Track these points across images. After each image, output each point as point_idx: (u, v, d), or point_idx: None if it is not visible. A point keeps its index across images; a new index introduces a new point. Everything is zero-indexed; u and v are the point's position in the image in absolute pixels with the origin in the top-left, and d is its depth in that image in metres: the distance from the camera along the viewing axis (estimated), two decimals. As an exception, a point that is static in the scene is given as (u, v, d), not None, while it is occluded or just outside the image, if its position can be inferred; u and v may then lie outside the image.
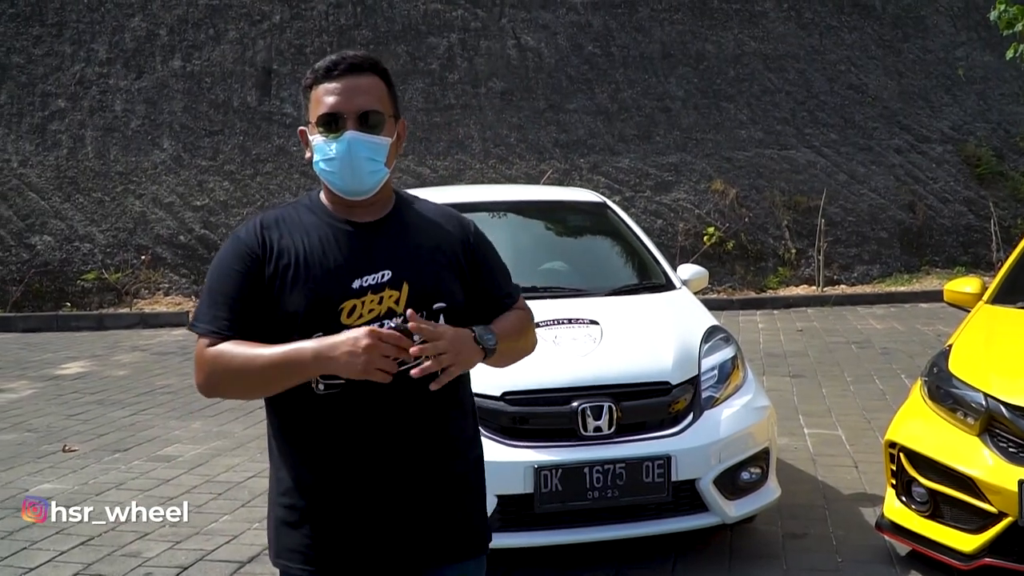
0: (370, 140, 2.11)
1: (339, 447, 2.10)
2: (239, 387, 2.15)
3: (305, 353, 1.98)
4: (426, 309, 2.10)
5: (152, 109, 14.46)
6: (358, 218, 2.17)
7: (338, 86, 2.11)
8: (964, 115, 16.13)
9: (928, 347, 8.80)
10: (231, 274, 2.12)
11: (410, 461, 2.12)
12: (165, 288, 12.97)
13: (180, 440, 6.70)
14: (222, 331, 2.09)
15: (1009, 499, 3.53)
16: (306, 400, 2.10)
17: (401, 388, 2.04)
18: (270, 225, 2.17)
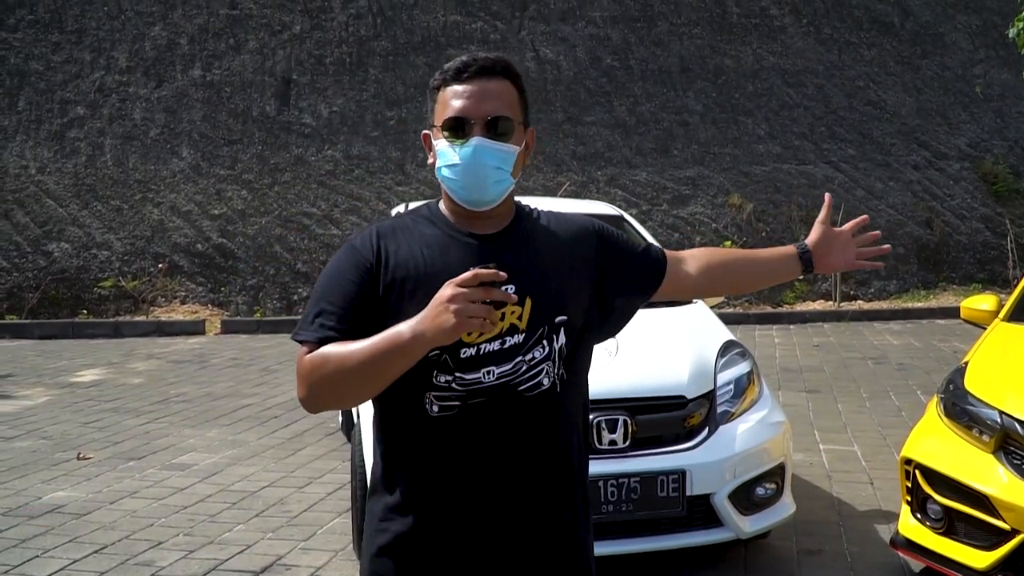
0: (497, 148, 1.98)
1: (452, 473, 1.98)
2: (340, 388, 1.95)
3: (403, 333, 1.84)
4: (548, 324, 1.99)
5: (171, 118, 14.57)
6: (480, 230, 2.04)
7: (467, 89, 1.99)
8: (982, 132, 16.07)
9: (944, 364, 8.75)
10: (344, 283, 2.00)
11: (530, 492, 2.00)
12: (182, 296, 13.04)
13: (195, 449, 6.72)
14: (326, 336, 1.95)
15: (1023, 516, 3.51)
16: (419, 423, 1.98)
17: (523, 411, 1.96)
18: (386, 234, 2.05)
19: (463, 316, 1.77)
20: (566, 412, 2.06)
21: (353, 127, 14.72)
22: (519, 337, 1.96)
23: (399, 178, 14.30)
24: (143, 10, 15.27)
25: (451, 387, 1.95)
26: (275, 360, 10.29)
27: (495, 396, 1.96)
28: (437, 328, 1.80)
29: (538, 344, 1.98)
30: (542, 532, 2.02)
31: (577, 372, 2.08)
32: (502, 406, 1.96)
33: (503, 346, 1.95)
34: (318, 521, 5.20)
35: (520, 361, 1.96)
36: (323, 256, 13.36)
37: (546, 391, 1.99)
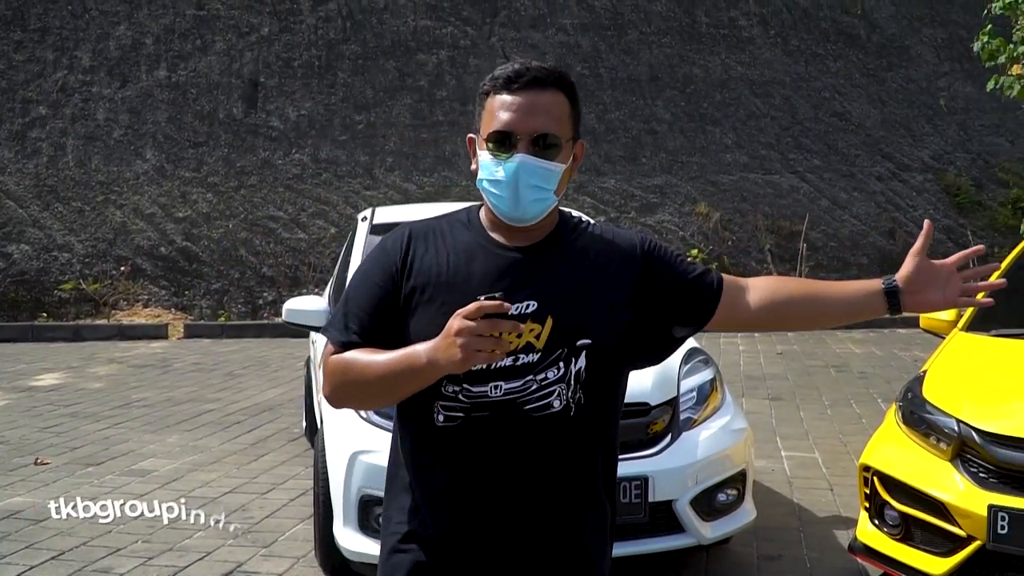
0: (541, 165, 1.91)
1: (452, 484, 1.96)
2: (361, 394, 2.01)
3: (419, 356, 1.83)
4: (568, 346, 1.91)
5: (135, 119, 14.43)
6: (515, 241, 1.98)
7: (516, 101, 1.91)
8: (945, 145, 16.30)
9: (905, 372, 8.85)
10: (370, 284, 2.00)
11: (528, 510, 1.95)
12: (144, 300, 12.90)
13: (155, 455, 6.64)
14: (349, 340, 1.97)
15: (978, 523, 3.55)
16: (425, 430, 1.97)
17: (527, 430, 1.92)
18: (418, 236, 2.02)
19: (469, 351, 1.74)
20: (580, 437, 1.97)
21: (321, 131, 14.66)
22: (534, 356, 1.91)
23: (367, 182, 14.26)
24: (108, 9, 15.13)
25: (458, 398, 1.93)
26: (239, 365, 10.21)
27: (499, 412, 1.92)
28: (447, 360, 1.78)
29: (553, 365, 1.92)
30: (541, 552, 1.98)
31: (601, 397, 1.99)
32: (505, 423, 1.91)
33: (515, 363, 1.90)
34: (280, 528, 5.16)
35: (531, 380, 1.91)
36: (289, 260, 13.29)
37: (556, 414, 1.93)
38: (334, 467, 4.15)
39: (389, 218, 5.86)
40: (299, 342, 10.08)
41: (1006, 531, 3.49)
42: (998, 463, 3.64)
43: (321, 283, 12.06)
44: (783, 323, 2.15)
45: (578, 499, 1.99)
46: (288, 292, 12.21)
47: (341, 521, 4.05)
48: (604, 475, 2.06)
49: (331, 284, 6.81)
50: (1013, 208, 15.17)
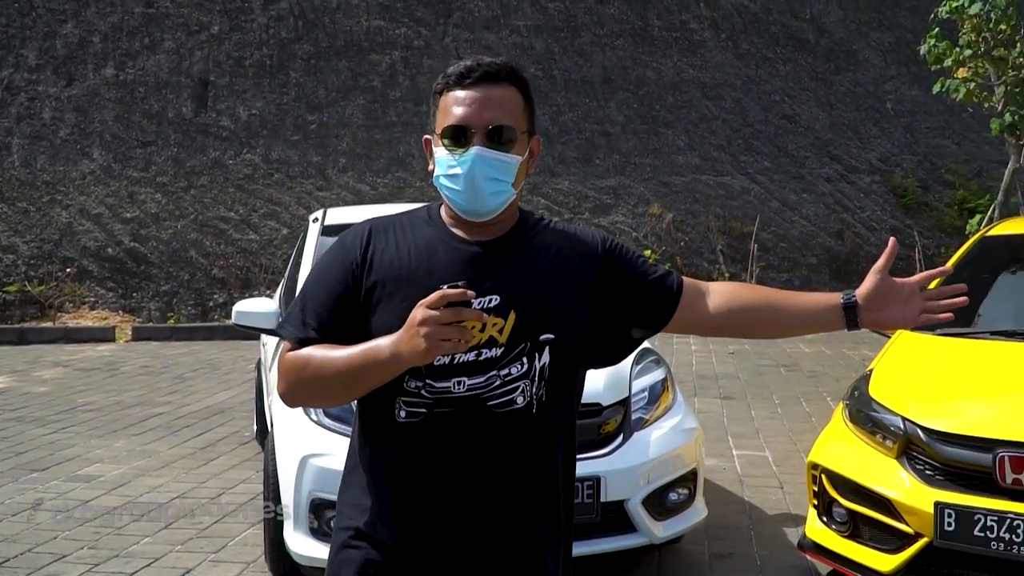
0: (497, 158, 1.91)
1: (415, 478, 1.94)
2: (319, 391, 1.96)
3: (382, 350, 1.81)
4: (531, 340, 1.91)
5: (82, 118, 14.19)
6: (475, 236, 1.98)
7: (469, 95, 1.91)
8: (892, 147, 16.57)
9: (853, 371, 8.97)
10: (328, 280, 1.99)
11: (487, 507, 1.94)
12: (91, 302, 12.68)
13: (102, 460, 6.53)
14: (307, 336, 1.94)
15: (925, 520, 3.60)
16: (386, 426, 1.95)
17: (490, 427, 1.91)
18: (378, 232, 2.01)
19: (433, 340, 1.72)
20: (541, 434, 1.97)
21: (273, 131, 14.52)
22: (497, 351, 1.90)
23: (320, 183, 14.16)
24: (55, 7, 14.87)
25: (420, 393, 1.91)
26: (189, 368, 10.07)
27: (462, 408, 1.90)
28: (411, 351, 1.76)
29: (517, 360, 1.91)
30: (499, 551, 1.97)
31: (562, 394, 1.99)
32: (469, 419, 1.90)
33: (478, 358, 1.89)
34: (229, 532, 5.09)
35: (494, 375, 1.90)
36: (240, 261, 13.15)
37: (519, 410, 1.92)
38: (284, 471, 4.11)
39: (341, 219, 5.81)
40: (250, 344, 9.97)
41: (953, 528, 3.55)
42: (944, 460, 3.69)
43: (273, 284, 11.95)
44: (740, 330, 2.20)
45: (537, 496, 1.99)
46: (239, 294, 12.07)
47: (292, 525, 4.01)
48: (564, 473, 2.05)
49: (282, 285, 6.74)
50: (959, 209, 15.45)
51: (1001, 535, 3.46)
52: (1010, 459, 3.51)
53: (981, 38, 10.08)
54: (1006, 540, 3.45)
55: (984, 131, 14.35)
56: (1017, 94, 10.01)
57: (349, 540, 2.00)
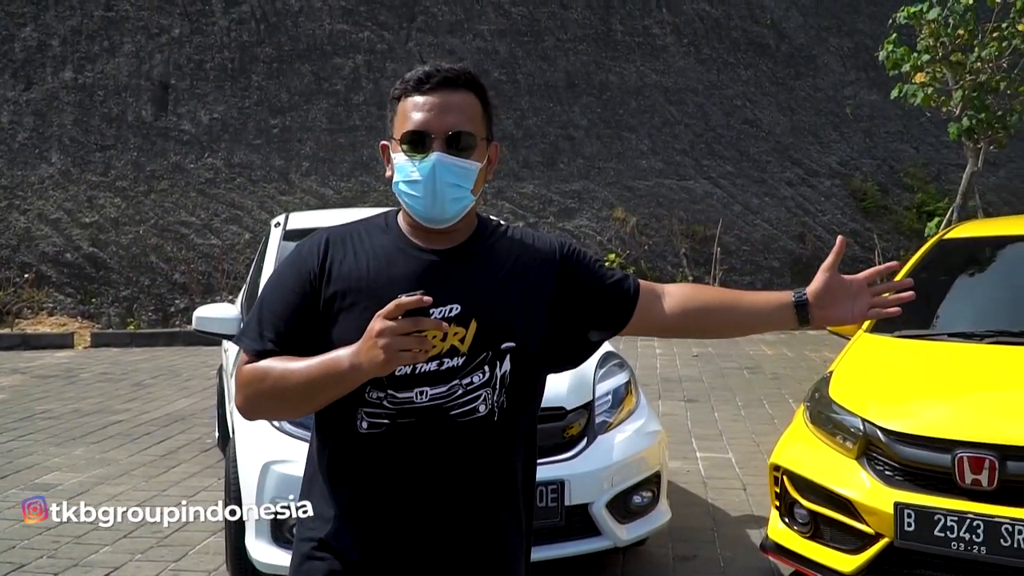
0: (458, 164, 1.90)
1: (378, 490, 1.92)
2: (278, 404, 1.92)
3: (341, 361, 1.78)
4: (493, 349, 1.91)
5: (41, 121, 14.00)
6: (434, 244, 1.97)
7: (428, 101, 1.90)
8: (851, 151, 16.76)
9: (815, 373, 9.05)
10: (285, 291, 1.95)
11: (452, 515, 1.94)
12: (49, 308, 12.50)
13: (60, 468, 6.44)
14: (265, 348, 1.91)
15: (885, 520, 3.64)
16: (347, 438, 1.93)
17: (454, 436, 1.90)
18: (336, 242, 1.98)
19: (392, 351, 1.70)
20: (503, 441, 1.97)
21: (235, 134, 14.41)
22: (458, 360, 1.90)
23: (282, 187, 14.06)
24: (14, 11, 14.65)
25: (382, 404, 1.90)
26: (149, 374, 9.95)
27: (425, 418, 1.90)
28: (370, 362, 1.74)
29: (478, 369, 1.91)
30: (464, 559, 1.96)
31: (523, 401, 2.00)
32: (432, 429, 1.89)
33: (440, 367, 1.89)
34: (190, 541, 5.04)
35: (456, 384, 1.90)
36: (202, 266, 13.02)
37: (481, 418, 1.92)
38: (246, 478, 4.07)
39: (303, 224, 5.78)
40: (212, 350, 9.87)
41: (913, 528, 3.58)
42: (903, 461, 3.73)
43: (235, 290, 11.85)
44: (696, 331, 2.23)
45: (501, 503, 1.99)
46: (201, 299, 11.96)
47: (253, 533, 3.97)
48: (525, 478, 2.06)
49: (244, 291, 6.68)
50: (917, 212, 15.66)
51: (961, 535, 3.50)
52: (969, 460, 3.56)
53: (939, 43, 10.21)
54: (966, 540, 3.49)
55: (942, 135, 14.56)
56: (975, 98, 10.15)
57: (312, 551, 1.98)
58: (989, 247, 5.39)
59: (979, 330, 4.57)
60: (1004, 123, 10.34)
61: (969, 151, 10.88)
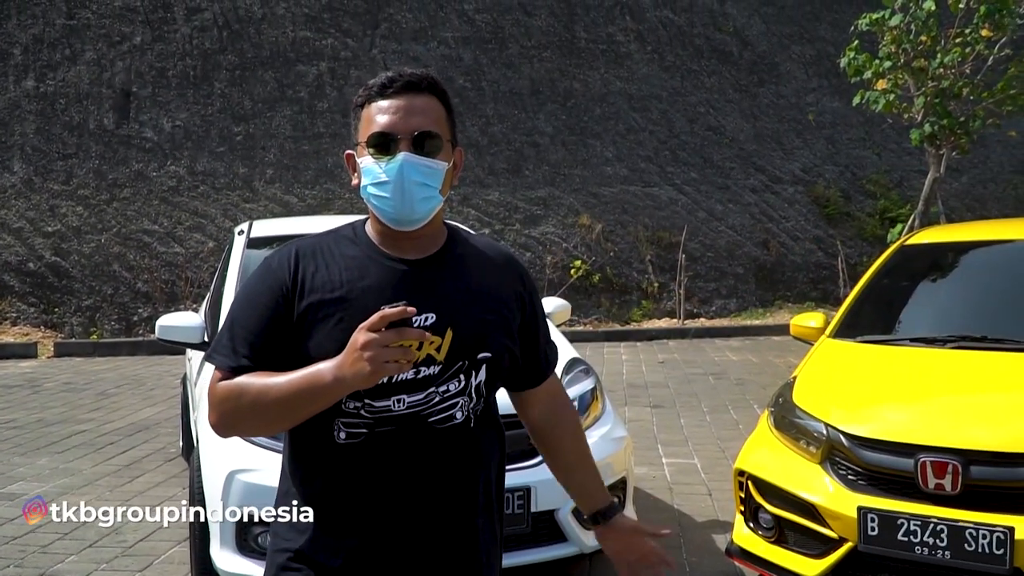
0: (425, 164, 1.92)
1: (358, 499, 1.93)
2: (256, 420, 1.90)
3: (323, 375, 1.78)
4: (469, 358, 1.94)
5: (2, 131, 13.82)
6: (405, 254, 1.97)
7: (393, 104, 1.92)
8: (814, 158, 16.94)
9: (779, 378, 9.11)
10: (256, 306, 1.94)
11: (431, 522, 1.96)
12: (12, 318, 12.33)
13: (24, 478, 6.36)
14: (239, 365, 1.90)
15: (849, 525, 3.67)
16: (325, 448, 1.93)
17: (432, 443, 1.92)
18: (306, 255, 1.97)
19: (377, 363, 1.71)
20: (479, 448, 2.00)
21: (198, 142, 14.30)
22: (435, 368, 1.91)
23: (246, 195, 13.97)
24: (-30, 16, 14.46)
25: (360, 414, 1.90)
26: (113, 384, 9.84)
27: (404, 426, 1.91)
28: (355, 375, 1.74)
29: (454, 378, 1.93)
30: (442, 567, 1.98)
31: (495, 409, 2.05)
32: (410, 437, 1.91)
33: (416, 376, 1.90)
34: (155, 551, 4.99)
35: (432, 392, 1.92)
36: (165, 275, 12.91)
37: (458, 425, 1.94)
38: (211, 486, 4.04)
39: (267, 231, 5.74)
40: (176, 359, 9.79)
41: (876, 532, 3.61)
42: (865, 465, 3.77)
43: (199, 298, 11.75)
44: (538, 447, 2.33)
45: (477, 509, 2.01)
46: (164, 308, 11.85)
47: (218, 542, 3.94)
48: (497, 485, 2.09)
49: (208, 299, 6.63)
50: (880, 218, 15.85)
51: (925, 539, 3.54)
52: (932, 464, 3.59)
53: (901, 50, 10.32)
54: (930, 544, 3.52)
55: (904, 142, 14.76)
56: (937, 104, 10.25)
57: (287, 562, 1.98)
58: (951, 252, 5.47)
59: (941, 335, 4.61)
60: (966, 129, 10.42)
61: (931, 157, 11.01)
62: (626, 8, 17.19)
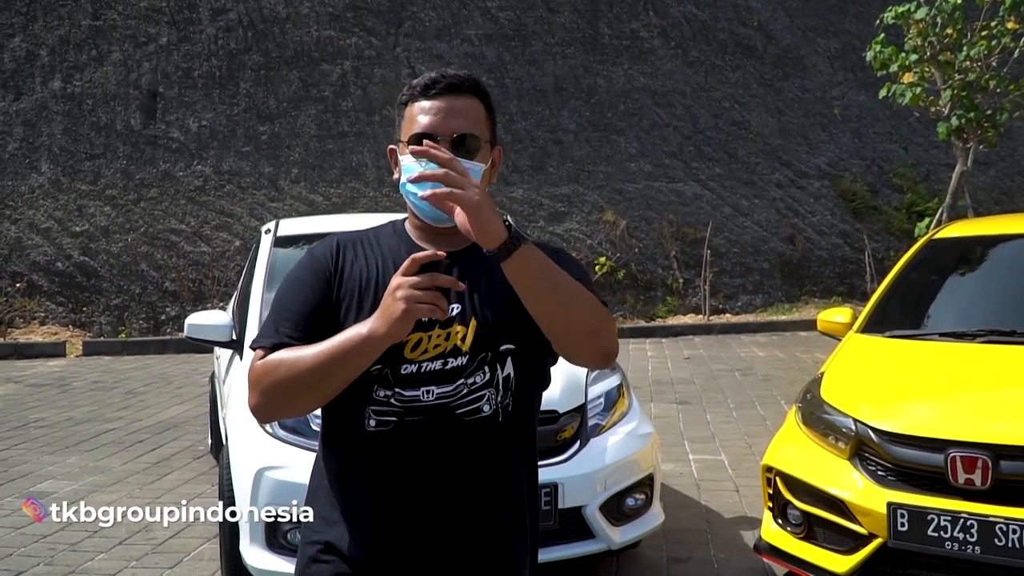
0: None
1: (384, 490, 1.96)
2: (291, 393, 1.90)
3: (359, 328, 1.82)
4: (492, 350, 1.97)
5: (30, 131, 13.96)
6: (440, 247, 1.98)
7: (435, 105, 1.97)
8: (840, 152, 16.81)
9: (806, 374, 9.07)
10: (301, 289, 2.00)
11: (457, 514, 1.97)
12: (41, 317, 12.47)
13: (54, 476, 6.42)
14: (280, 342, 1.93)
15: (878, 521, 3.65)
16: (355, 437, 1.97)
17: (460, 435, 1.94)
18: (347, 245, 2.06)
19: (411, 303, 1.75)
20: (507, 442, 2.01)
21: (224, 142, 14.39)
22: (462, 359, 1.95)
23: (272, 194, 14.05)
24: (2, 21, 14.61)
25: (390, 402, 1.94)
26: (141, 382, 9.93)
27: (432, 416, 1.94)
28: (388, 319, 1.78)
29: (479, 370, 1.96)
30: (469, 560, 1.99)
31: (525, 404, 2.04)
32: (439, 427, 1.93)
33: (444, 367, 1.94)
34: (185, 548, 5.03)
35: (461, 384, 1.95)
36: (192, 274, 13.00)
37: (486, 418, 1.96)
38: (240, 484, 4.07)
39: (293, 230, 5.77)
40: (203, 357, 9.86)
41: (906, 528, 3.59)
42: (895, 461, 3.74)
43: (226, 297, 11.83)
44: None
45: (507, 504, 2.02)
46: (192, 306, 11.94)
47: (248, 539, 3.97)
48: (528, 481, 2.09)
49: (235, 298, 6.67)
50: (907, 212, 15.72)
51: (955, 535, 3.51)
52: (962, 459, 3.56)
53: (927, 43, 10.24)
54: (960, 540, 3.50)
55: (931, 135, 14.62)
56: (963, 98, 10.17)
57: (318, 554, 2.00)
58: (979, 246, 5.41)
59: (970, 329, 4.58)
60: (993, 122, 10.35)
61: (958, 151, 10.92)
62: (649, 4, 17.13)
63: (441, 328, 1.94)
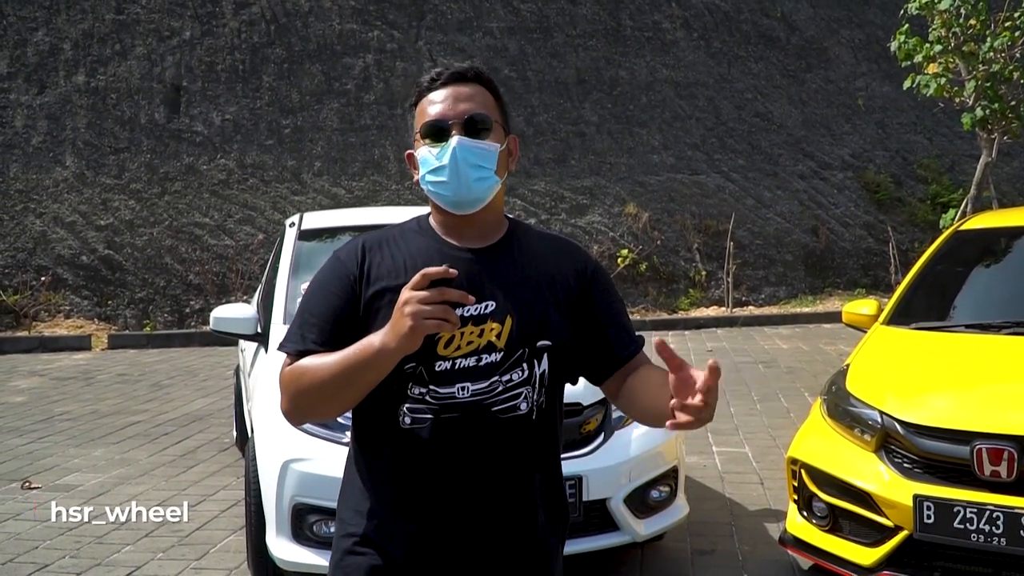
0: (477, 145, 1.96)
1: (419, 486, 1.96)
2: (316, 399, 1.92)
3: (373, 340, 1.83)
4: (529, 346, 1.96)
5: (55, 125, 14.07)
6: (468, 243, 2.02)
7: (441, 94, 2.00)
8: (864, 143, 16.70)
9: (830, 366, 9.04)
10: (326, 294, 2.00)
11: (494, 509, 1.98)
12: (66, 311, 12.58)
13: (80, 469, 6.48)
14: (306, 348, 1.95)
15: (904, 513, 3.64)
16: (390, 434, 1.97)
17: (495, 433, 1.95)
18: (373, 246, 2.04)
19: (418, 319, 1.74)
20: (542, 440, 2.02)
21: (247, 135, 14.46)
22: (496, 356, 1.94)
23: (295, 187, 14.11)
24: (26, 15, 14.72)
25: (425, 400, 1.94)
26: (166, 375, 10.01)
27: (468, 414, 1.93)
28: (396, 334, 1.78)
29: (517, 367, 1.95)
30: (504, 556, 2.00)
31: (556, 399, 2.05)
32: (474, 425, 1.93)
33: (479, 363, 1.93)
34: (211, 540, 5.07)
35: (496, 381, 1.94)
36: (216, 267, 13.08)
37: (522, 416, 1.96)
38: (266, 476, 4.10)
39: (318, 223, 5.80)
40: (228, 350, 9.93)
41: (932, 520, 3.58)
42: (921, 453, 3.73)
43: (250, 290, 11.90)
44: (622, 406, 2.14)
45: (538, 502, 2.02)
46: (216, 300, 12.01)
47: (274, 531, 4.00)
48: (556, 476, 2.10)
49: (259, 291, 6.71)
50: (932, 204, 15.60)
51: (981, 527, 3.50)
52: (987, 451, 3.55)
53: (951, 33, 10.17)
54: (986, 532, 3.49)
55: (955, 126, 14.49)
56: (988, 88, 10.11)
57: (353, 547, 2.02)
58: (1005, 238, 5.37)
59: (996, 321, 4.56)
60: (1018, 113, 10.30)
61: (983, 141, 10.84)
62: (671, -6, 17.05)
63: (474, 325, 1.93)
